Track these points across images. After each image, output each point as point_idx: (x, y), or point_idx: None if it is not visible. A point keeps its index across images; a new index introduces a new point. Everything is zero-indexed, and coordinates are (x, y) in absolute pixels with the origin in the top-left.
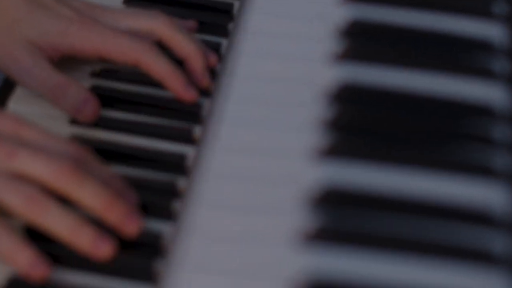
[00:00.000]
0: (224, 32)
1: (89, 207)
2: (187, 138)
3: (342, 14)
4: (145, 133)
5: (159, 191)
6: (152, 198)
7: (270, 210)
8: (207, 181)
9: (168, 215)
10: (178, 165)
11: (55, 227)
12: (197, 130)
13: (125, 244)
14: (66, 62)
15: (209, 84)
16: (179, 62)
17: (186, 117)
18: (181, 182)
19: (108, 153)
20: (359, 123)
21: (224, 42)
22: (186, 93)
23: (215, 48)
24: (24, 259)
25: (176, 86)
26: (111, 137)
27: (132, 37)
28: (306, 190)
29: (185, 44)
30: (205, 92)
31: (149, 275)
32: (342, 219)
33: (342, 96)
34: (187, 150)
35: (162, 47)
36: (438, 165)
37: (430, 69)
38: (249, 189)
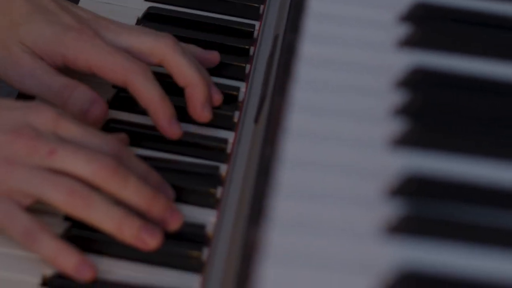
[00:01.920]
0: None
1: (133, 203)
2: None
3: None
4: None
5: (203, 177)
6: (196, 185)
7: (350, 202)
8: (284, 171)
9: (212, 203)
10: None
11: (100, 220)
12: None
13: (168, 234)
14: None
15: (209, 118)
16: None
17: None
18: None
19: None
20: (432, 110)
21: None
22: (169, 127)
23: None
24: (69, 263)
25: (160, 116)
26: None
27: (127, 57)
28: (385, 180)
29: (186, 70)
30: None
31: (195, 265)
32: (425, 208)
33: (413, 82)
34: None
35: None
36: None
37: (497, 55)
38: (327, 180)
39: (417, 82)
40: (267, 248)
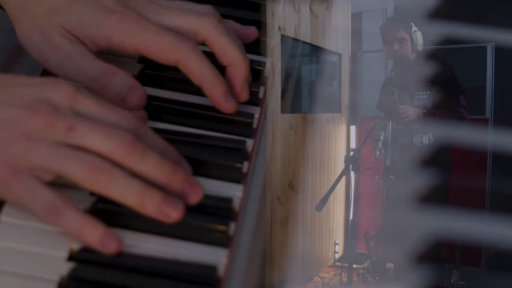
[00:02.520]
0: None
1: (152, 178)
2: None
3: None
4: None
5: (229, 152)
6: (222, 160)
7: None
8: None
9: (239, 177)
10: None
11: (121, 195)
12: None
13: (195, 208)
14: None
15: (246, 99)
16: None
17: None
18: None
19: None
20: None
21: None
22: (225, 103)
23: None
24: (94, 237)
25: (216, 93)
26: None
27: (175, 35)
28: (417, 151)
29: (229, 50)
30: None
31: (221, 239)
32: (455, 178)
33: (439, 53)
34: (254, 110)
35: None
36: None
37: None
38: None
39: (444, 52)
40: (299, 219)
